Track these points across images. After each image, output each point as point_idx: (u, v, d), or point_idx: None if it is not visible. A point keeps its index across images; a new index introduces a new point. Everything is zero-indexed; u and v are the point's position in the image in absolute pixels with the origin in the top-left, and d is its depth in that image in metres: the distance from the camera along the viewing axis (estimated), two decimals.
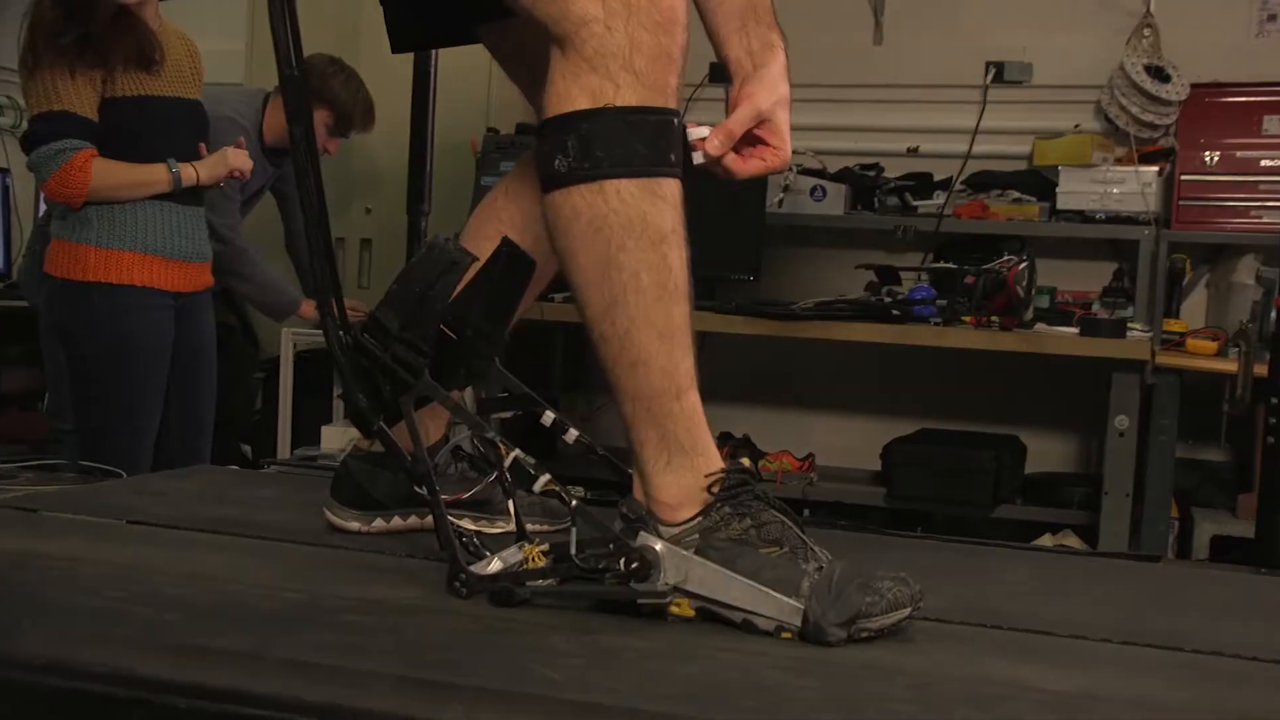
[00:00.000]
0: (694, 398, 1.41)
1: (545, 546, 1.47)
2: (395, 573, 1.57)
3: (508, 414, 1.61)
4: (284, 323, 4.17)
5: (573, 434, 1.52)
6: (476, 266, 1.47)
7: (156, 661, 1.18)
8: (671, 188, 1.39)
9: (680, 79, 1.40)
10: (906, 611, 1.35)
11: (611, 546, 1.38)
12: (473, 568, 1.45)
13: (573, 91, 1.37)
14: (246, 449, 4.51)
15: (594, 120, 1.36)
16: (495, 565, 1.46)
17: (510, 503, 1.57)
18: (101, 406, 3.07)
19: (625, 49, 1.36)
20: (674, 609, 1.38)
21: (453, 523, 1.48)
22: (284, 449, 4.10)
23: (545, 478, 1.42)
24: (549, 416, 1.51)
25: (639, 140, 1.37)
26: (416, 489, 1.50)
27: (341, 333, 1.51)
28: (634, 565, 1.36)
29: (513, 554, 1.48)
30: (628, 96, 1.36)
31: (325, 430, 4.05)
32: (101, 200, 3.03)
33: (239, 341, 4.44)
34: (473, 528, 1.67)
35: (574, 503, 1.41)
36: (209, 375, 3.33)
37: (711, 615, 1.37)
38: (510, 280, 1.49)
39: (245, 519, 1.86)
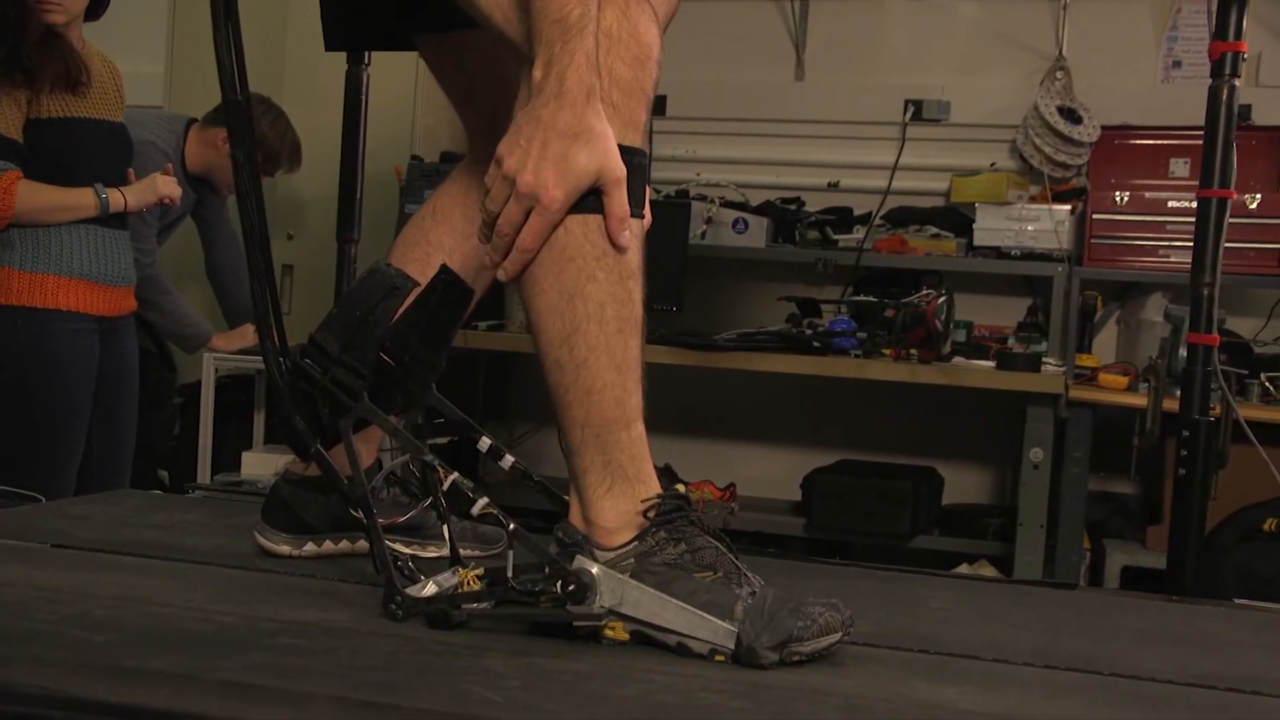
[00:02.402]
0: (640, 429, 1.43)
1: (480, 570, 1.48)
2: (329, 596, 1.57)
3: (443, 439, 1.61)
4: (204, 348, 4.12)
5: (508, 460, 1.53)
6: (416, 292, 1.48)
7: (91, 684, 1.17)
8: (639, 228, 1.42)
9: (649, 114, 1.42)
10: (837, 636, 1.37)
11: (548, 569, 1.40)
12: (408, 591, 1.45)
13: None
14: (163, 474, 4.44)
15: None
16: (430, 588, 1.47)
17: (445, 527, 1.58)
18: (24, 431, 3.02)
19: (604, 80, 1.37)
20: (609, 632, 1.40)
21: (388, 546, 1.48)
22: (204, 474, 4.05)
23: (484, 500, 1.43)
24: (485, 442, 1.52)
25: (630, 179, 1.38)
26: (353, 512, 1.51)
27: (280, 356, 1.51)
28: (570, 588, 1.37)
29: (447, 578, 1.49)
30: None
31: (246, 456, 4.01)
32: (26, 223, 2.99)
33: (156, 366, 4.38)
34: (407, 552, 1.67)
35: (511, 525, 1.42)
36: (130, 399, 3.29)
37: (646, 639, 1.39)
38: (448, 307, 1.50)
39: (173, 543, 1.85)
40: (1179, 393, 2.67)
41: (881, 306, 4.06)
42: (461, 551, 1.60)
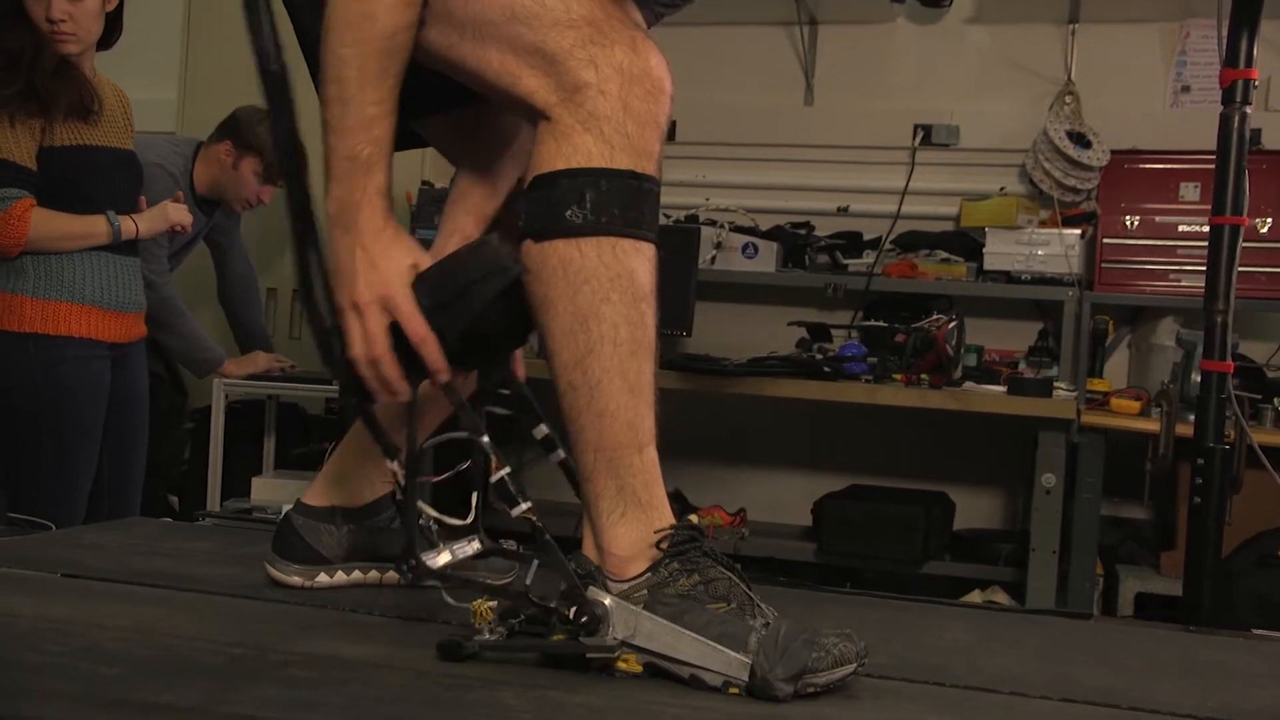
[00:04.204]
0: (653, 454, 1.43)
1: (494, 603, 1.47)
2: (340, 627, 1.56)
3: (502, 411, 1.58)
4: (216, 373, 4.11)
5: (560, 454, 1.51)
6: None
7: (101, 717, 1.17)
8: (653, 253, 1.43)
9: (662, 146, 1.43)
10: (852, 667, 1.36)
11: (563, 589, 1.39)
12: (424, 556, 1.44)
13: (565, 149, 1.39)
14: (173, 500, 4.44)
15: (611, 179, 1.39)
16: (445, 557, 1.44)
17: (474, 495, 1.54)
18: (35, 458, 3.01)
19: (619, 113, 1.39)
20: (621, 664, 1.39)
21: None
22: (214, 499, 4.05)
23: (526, 504, 1.42)
24: (541, 430, 1.51)
25: (644, 205, 1.41)
26: (391, 467, 1.49)
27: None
28: (583, 619, 1.37)
29: (463, 546, 1.47)
30: (622, 159, 1.39)
31: (255, 482, 4.01)
32: (39, 250, 2.99)
33: (167, 391, 4.39)
34: (433, 514, 1.62)
35: (547, 536, 1.41)
36: (141, 426, 3.29)
37: (659, 671, 1.38)
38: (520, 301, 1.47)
39: (183, 572, 1.84)
40: (1191, 417, 2.65)
41: (892, 331, 4.06)
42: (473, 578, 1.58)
